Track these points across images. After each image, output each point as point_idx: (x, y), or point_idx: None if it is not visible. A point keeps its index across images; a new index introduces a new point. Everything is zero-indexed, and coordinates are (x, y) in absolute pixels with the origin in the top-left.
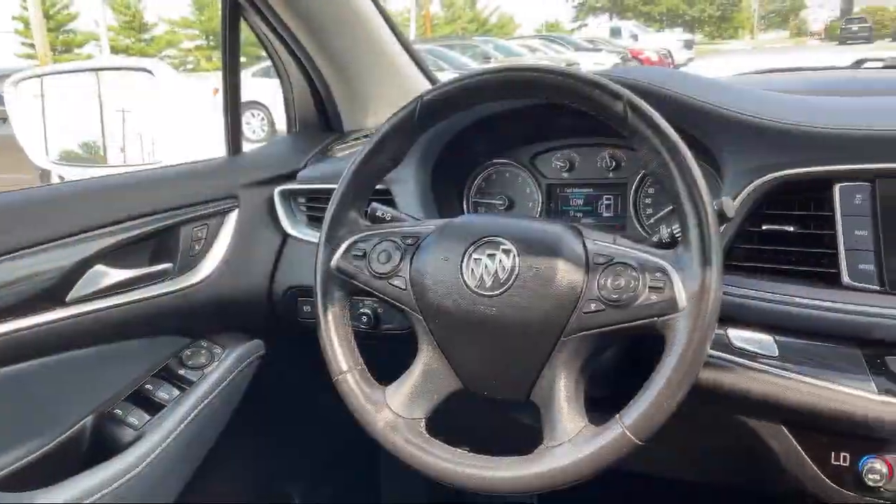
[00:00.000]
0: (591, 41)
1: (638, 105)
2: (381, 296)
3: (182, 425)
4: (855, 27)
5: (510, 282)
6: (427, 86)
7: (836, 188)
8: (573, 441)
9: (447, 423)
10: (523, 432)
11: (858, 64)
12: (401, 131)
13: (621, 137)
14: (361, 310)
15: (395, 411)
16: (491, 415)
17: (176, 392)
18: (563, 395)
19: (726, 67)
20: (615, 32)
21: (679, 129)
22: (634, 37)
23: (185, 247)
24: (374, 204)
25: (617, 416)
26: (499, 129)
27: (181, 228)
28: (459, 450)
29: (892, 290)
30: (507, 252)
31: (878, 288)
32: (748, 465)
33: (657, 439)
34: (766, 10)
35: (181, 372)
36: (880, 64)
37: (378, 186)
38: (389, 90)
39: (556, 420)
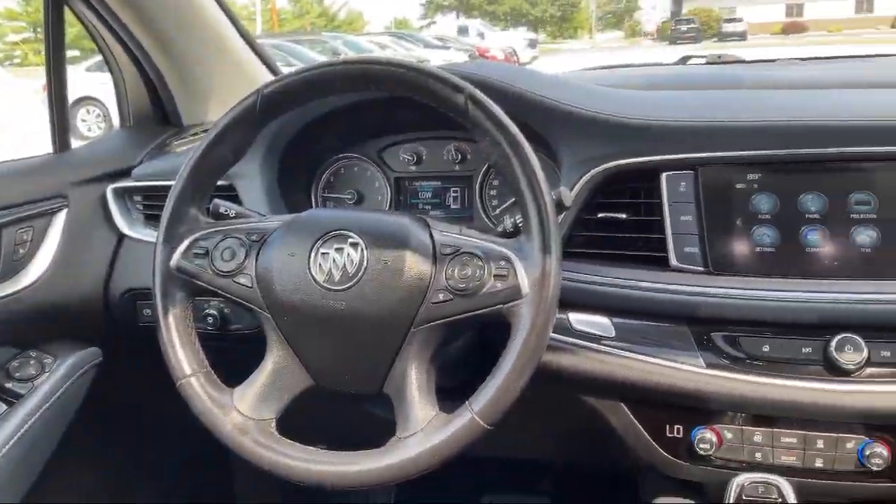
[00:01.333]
0: (441, 39)
1: (479, 98)
2: (227, 295)
3: (11, 442)
4: (684, 28)
5: (359, 275)
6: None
7: (663, 177)
8: (424, 430)
9: (301, 422)
10: (379, 426)
11: (684, 60)
12: (242, 124)
13: (465, 131)
14: (207, 311)
15: (243, 413)
16: (346, 410)
17: (3, 407)
18: (415, 386)
19: (568, 66)
20: (462, 31)
21: (519, 123)
22: (481, 35)
23: (7, 251)
24: (217, 200)
25: (466, 402)
26: (346, 122)
27: (2, 231)
28: (311, 448)
29: (716, 270)
30: (354, 245)
31: (702, 269)
32: (592, 442)
33: (507, 423)
34: (602, 12)
35: (8, 385)
36: (703, 60)
37: (221, 182)
38: (232, 83)
39: (408, 411)
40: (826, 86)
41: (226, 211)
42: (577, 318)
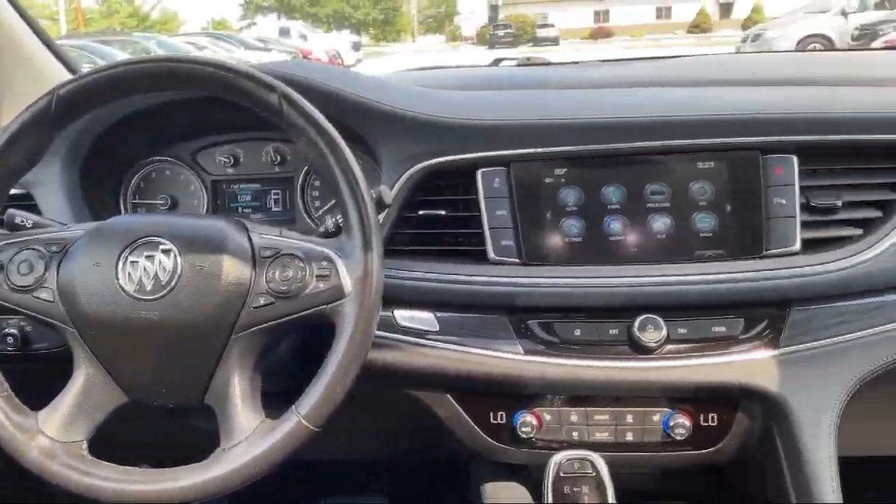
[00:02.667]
0: (262, 40)
1: (292, 97)
2: (26, 311)
3: None
4: (501, 33)
5: (173, 283)
6: None
7: (479, 173)
8: (249, 439)
9: (120, 441)
10: (205, 438)
11: (497, 62)
12: (35, 128)
13: (282, 131)
14: (5, 330)
15: (50, 437)
16: (169, 425)
17: None
18: (238, 394)
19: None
20: (284, 32)
21: (336, 122)
22: (304, 37)
23: None
24: (11, 210)
25: (293, 406)
26: (156, 124)
27: None
28: (128, 468)
29: (530, 261)
30: (167, 252)
31: (518, 261)
32: (423, 435)
33: (337, 424)
34: (423, 16)
35: None
36: (514, 63)
37: (16, 191)
38: (27, 86)
39: (232, 420)
40: (625, 85)
41: (21, 221)
42: (402, 315)
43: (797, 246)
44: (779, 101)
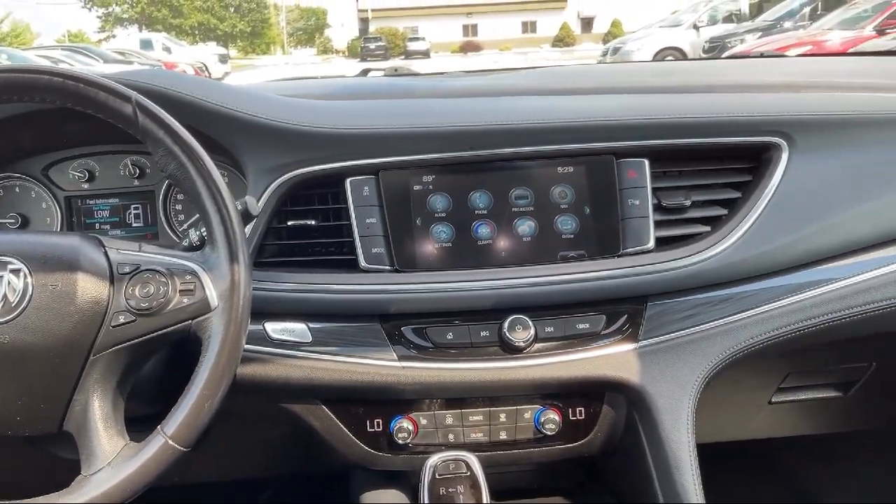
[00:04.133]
0: (122, 53)
1: (148, 107)
2: None
3: None
4: (373, 45)
5: (23, 304)
6: None
7: (348, 182)
8: (113, 463)
9: None
10: (68, 468)
11: (364, 73)
12: None
13: (140, 143)
14: None
15: None
16: (25, 456)
17: None
18: (99, 417)
19: (262, 81)
20: (146, 45)
21: (197, 132)
22: (167, 49)
23: None
24: None
25: (159, 427)
26: (1, 138)
27: None
28: None
29: (402, 268)
30: (16, 272)
31: (389, 268)
32: (301, 448)
33: (209, 442)
34: (293, 28)
35: None
36: (382, 73)
37: None
38: None
39: (94, 445)
40: (489, 94)
41: None
42: (273, 327)
43: (651, 244)
44: (631, 108)
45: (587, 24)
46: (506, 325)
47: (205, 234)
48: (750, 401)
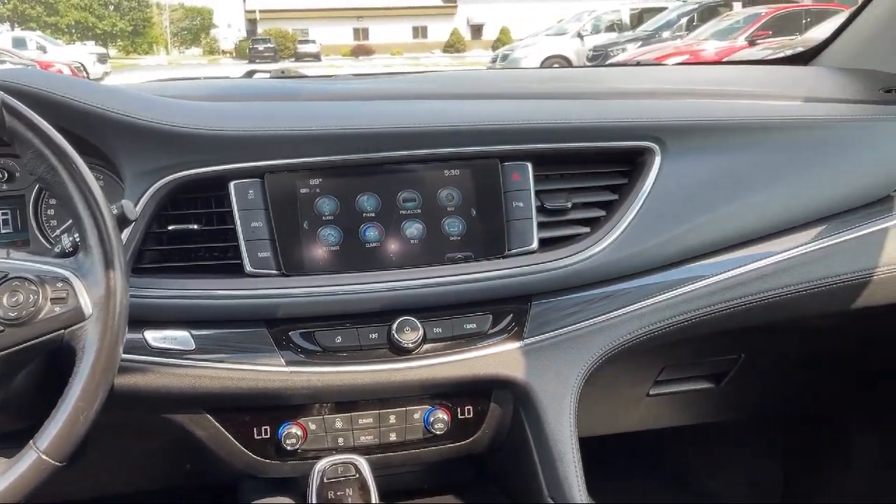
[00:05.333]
0: None
1: (14, 107)
2: None
3: None
4: (261, 47)
5: None
6: None
7: (232, 185)
8: None
9: None
10: None
11: (250, 74)
12: None
13: (7, 144)
14: None
15: None
16: None
17: None
18: None
19: (142, 81)
20: (19, 43)
21: (69, 134)
22: (42, 48)
23: None
24: None
25: (31, 441)
26: None
27: None
28: None
29: (289, 272)
30: None
31: (276, 272)
32: (187, 459)
33: (88, 455)
34: (177, 28)
35: None
36: (268, 75)
37: None
38: None
39: None
40: (377, 98)
41: None
42: (154, 335)
43: (535, 245)
44: (515, 113)
45: (476, 30)
46: (394, 326)
47: (78, 239)
48: (629, 394)
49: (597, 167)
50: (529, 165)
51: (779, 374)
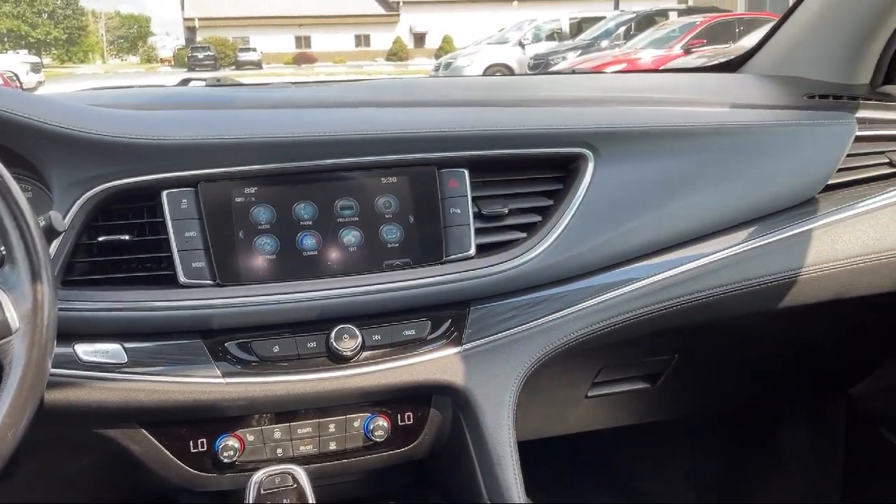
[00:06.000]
0: None
1: None
2: None
3: None
4: (201, 55)
5: None
6: None
7: (164, 195)
8: None
9: None
10: None
11: (185, 83)
12: None
13: None
14: None
15: None
16: None
17: None
18: None
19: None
20: None
21: None
22: None
23: None
24: None
25: None
26: None
27: None
28: None
29: (224, 282)
30: None
31: (211, 282)
32: (122, 475)
33: (19, 475)
34: (114, 36)
35: None
36: (203, 83)
37: None
38: None
39: None
40: (314, 105)
41: None
42: (85, 349)
43: (472, 251)
44: (453, 121)
45: (419, 39)
46: (332, 335)
47: (4, 252)
48: (568, 396)
49: (532, 173)
50: (466, 172)
51: (712, 374)
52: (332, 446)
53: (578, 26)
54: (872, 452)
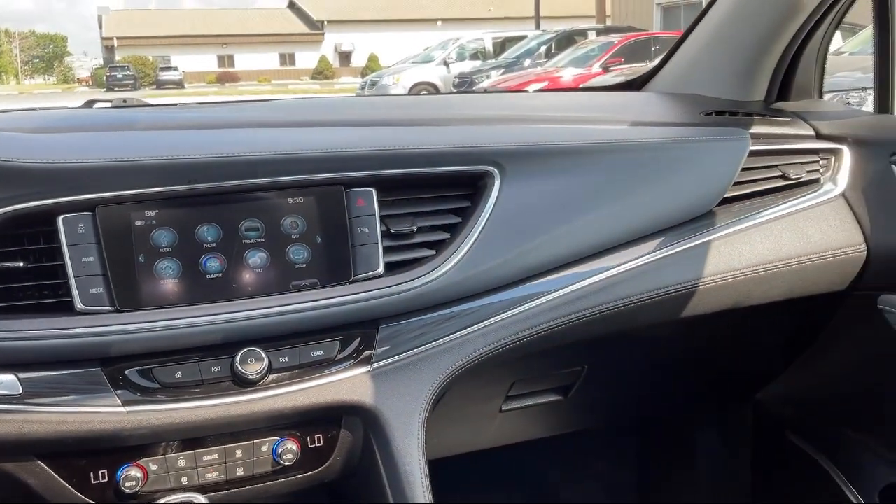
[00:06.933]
0: None
1: None
2: None
3: None
4: (120, 75)
5: None
6: None
7: (60, 220)
8: None
9: None
10: None
11: (90, 104)
12: None
13: None
14: None
15: None
16: None
17: None
18: None
19: None
20: None
21: None
22: None
23: None
24: None
25: None
26: None
27: None
28: None
29: (124, 308)
30: None
31: (110, 308)
32: None
33: None
34: (28, 56)
35: None
36: (109, 104)
37: None
38: None
39: None
40: (223, 126)
41: None
42: None
43: (381, 269)
44: (361, 140)
45: (345, 57)
46: (238, 358)
47: None
48: (482, 411)
49: (440, 191)
50: (374, 191)
51: (622, 384)
52: (240, 472)
53: (501, 45)
54: (779, 456)
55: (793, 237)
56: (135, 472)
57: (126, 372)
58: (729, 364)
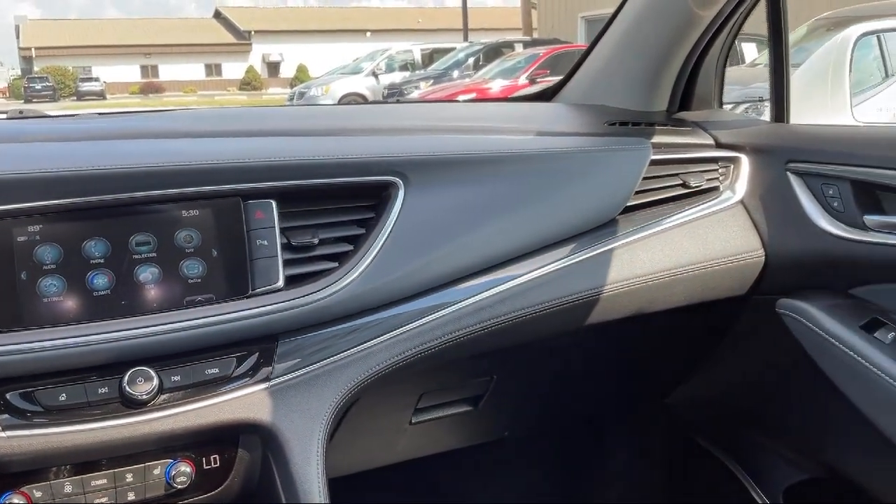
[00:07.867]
0: None
1: None
2: None
3: None
4: (38, 86)
5: None
6: None
7: None
8: None
9: None
10: None
11: None
12: None
13: None
14: None
15: None
16: None
17: None
18: None
19: None
20: None
21: None
22: None
23: None
24: None
25: None
26: None
27: None
28: None
29: (3, 328)
30: None
31: None
32: None
33: None
34: None
35: None
36: (4, 116)
37: None
38: None
39: None
40: (121, 137)
41: None
42: None
43: (280, 283)
44: (261, 150)
45: (273, 68)
46: (126, 378)
47: None
48: (391, 424)
49: (344, 202)
50: (274, 203)
51: (532, 392)
52: (132, 497)
53: (430, 57)
54: (689, 458)
55: (693, 244)
56: (18, 500)
57: (7, 396)
58: (638, 369)
